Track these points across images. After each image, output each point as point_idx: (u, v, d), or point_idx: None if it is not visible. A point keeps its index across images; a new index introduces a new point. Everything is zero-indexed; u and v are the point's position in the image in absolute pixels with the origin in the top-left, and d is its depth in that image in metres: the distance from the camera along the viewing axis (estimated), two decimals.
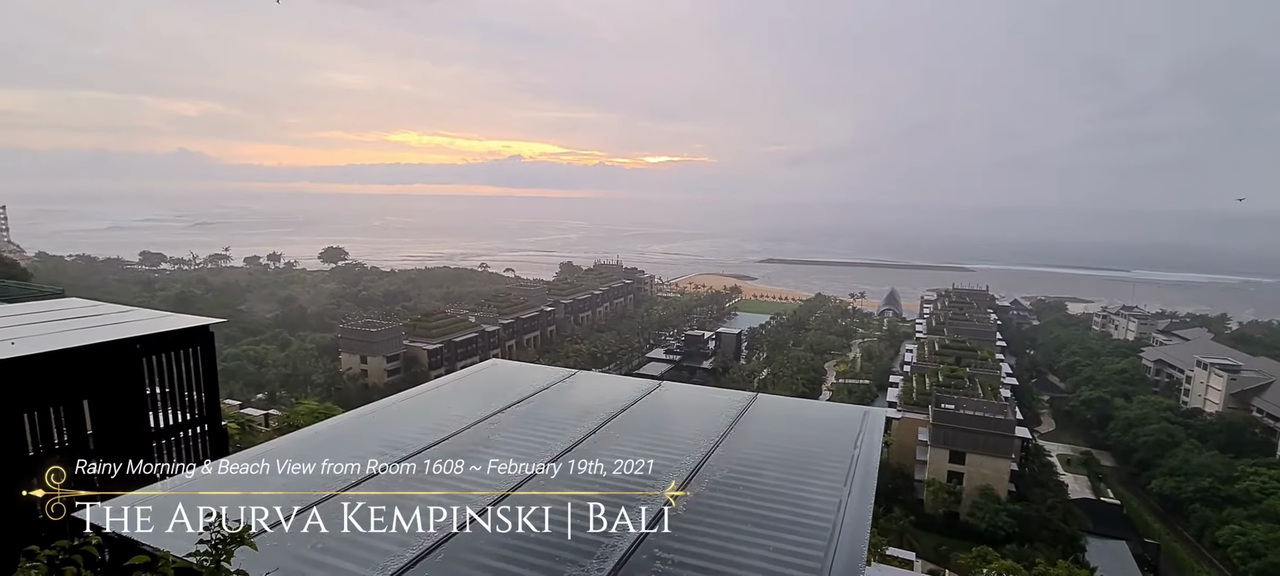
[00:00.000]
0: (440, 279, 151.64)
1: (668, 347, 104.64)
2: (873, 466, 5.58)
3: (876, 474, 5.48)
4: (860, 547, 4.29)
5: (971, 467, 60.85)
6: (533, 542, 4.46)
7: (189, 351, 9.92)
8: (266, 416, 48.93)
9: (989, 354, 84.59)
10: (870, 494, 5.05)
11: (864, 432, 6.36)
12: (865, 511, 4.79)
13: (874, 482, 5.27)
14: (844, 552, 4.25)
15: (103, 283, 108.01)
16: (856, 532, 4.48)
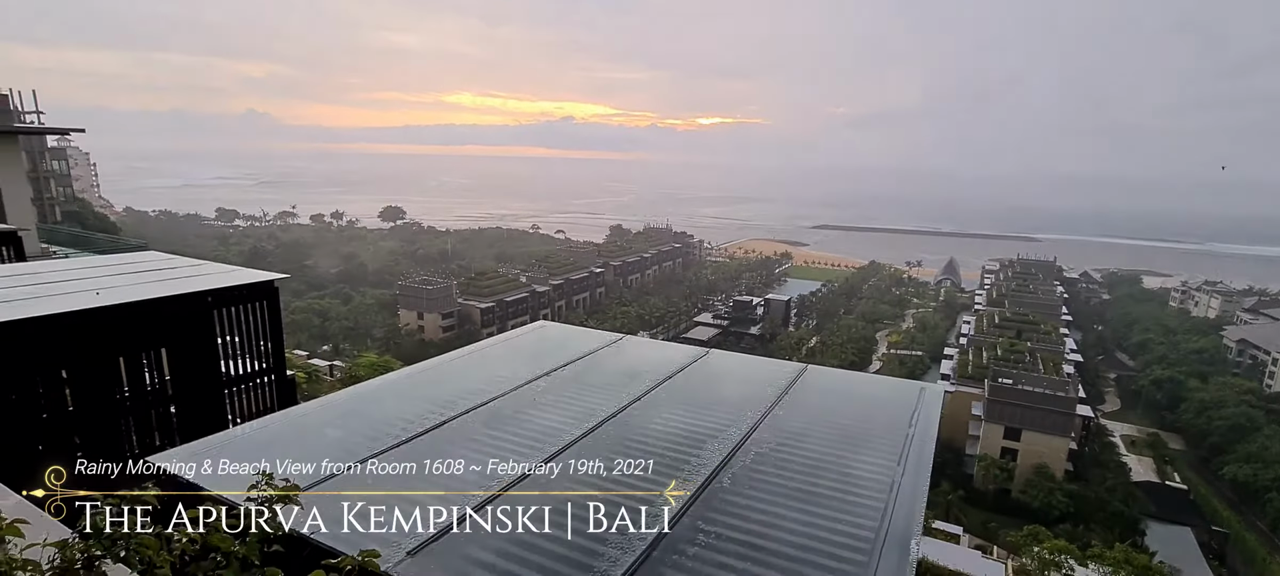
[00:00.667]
0: (492, 239, 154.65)
1: (716, 312, 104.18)
2: (929, 446, 5.35)
3: (933, 454, 5.26)
4: (913, 530, 4.13)
5: (1027, 445, 58.85)
6: (575, 507, 4.47)
7: (257, 304, 10.40)
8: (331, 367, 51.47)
9: (1052, 328, 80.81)
10: (925, 474, 4.86)
11: (920, 409, 6.11)
12: (920, 492, 4.60)
13: (930, 463, 5.06)
14: (896, 535, 4.10)
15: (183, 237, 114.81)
16: (909, 514, 4.31)
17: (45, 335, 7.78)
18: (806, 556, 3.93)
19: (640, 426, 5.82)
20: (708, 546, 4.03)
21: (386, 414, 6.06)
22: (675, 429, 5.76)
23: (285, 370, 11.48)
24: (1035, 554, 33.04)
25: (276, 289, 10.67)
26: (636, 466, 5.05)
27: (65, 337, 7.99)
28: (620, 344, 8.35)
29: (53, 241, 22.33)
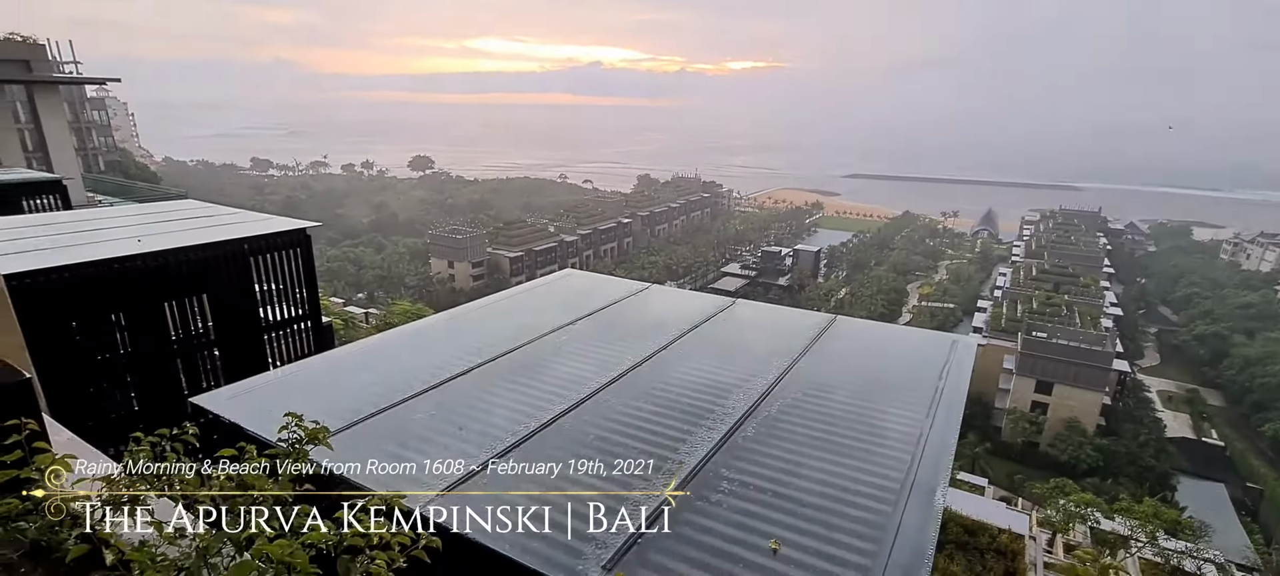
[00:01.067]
0: (520, 189, 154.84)
1: (743, 263, 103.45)
2: (959, 399, 5.25)
3: (963, 407, 5.17)
4: (939, 482, 4.09)
5: (1058, 399, 58.07)
6: (601, 453, 4.53)
7: (292, 252, 10.61)
8: (366, 314, 52.89)
9: (1092, 281, 78.41)
10: (954, 428, 4.78)
11: (952, 362, 5.99)
12: (947, 446, 4.54)
13: (959, 416, 4.97)
14: (922, 485, 4.07)
15: (221, 187, 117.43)
16: (936, 467, 4.26)
17: (96, 280, 8.07)
18: (830, 504, 3.93)
19: (666, 375, 5.83)
20: (732, 492, 4.05)
21: (418, 360, 6.18)
22: (701, 378, 5.75)
23: (321, 317, 11.78)
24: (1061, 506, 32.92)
25: (309, 237, 10.85)
26: (662, 414, 5.07)
27: (115, 283, 8.28)
28: (647, 293, 8.32)
29: (98, 191, 23.02)
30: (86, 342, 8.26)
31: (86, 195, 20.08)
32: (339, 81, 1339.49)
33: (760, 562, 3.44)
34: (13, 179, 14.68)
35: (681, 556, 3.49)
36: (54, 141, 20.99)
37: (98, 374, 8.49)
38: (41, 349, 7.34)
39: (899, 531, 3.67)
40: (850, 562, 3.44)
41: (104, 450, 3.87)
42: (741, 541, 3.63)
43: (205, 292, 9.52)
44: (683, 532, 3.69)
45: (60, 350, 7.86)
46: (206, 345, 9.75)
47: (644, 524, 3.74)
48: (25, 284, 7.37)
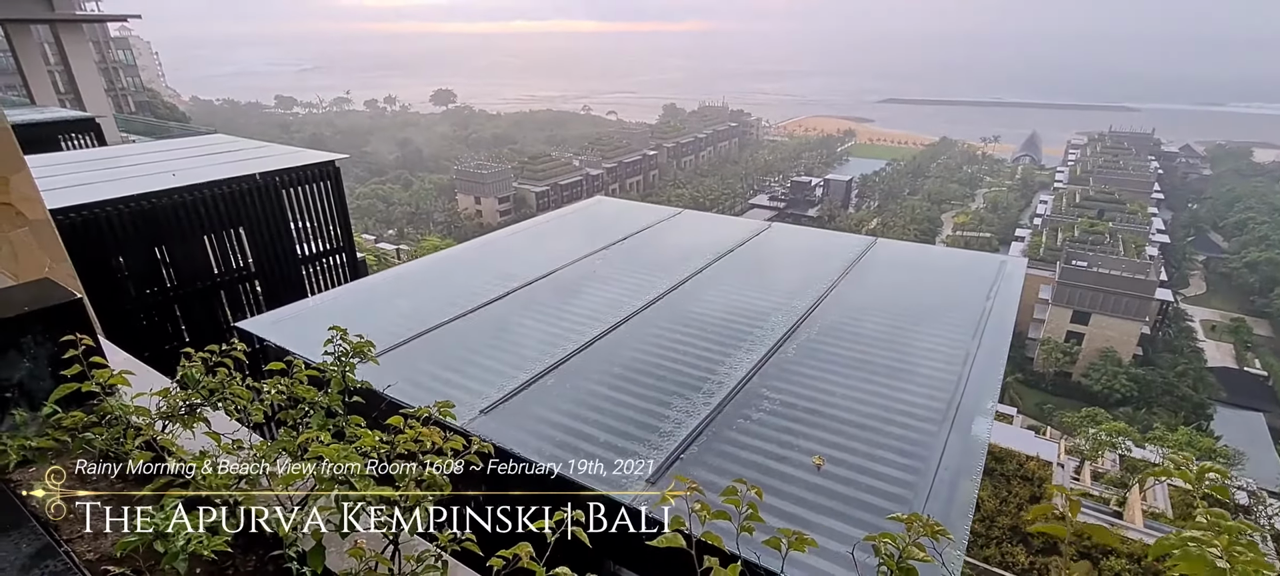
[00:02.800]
0: (544, 122, 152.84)
1: (772, 194, 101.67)
2: (1007, 320, 5.09)
3: (1011, 329, 5.00)
4: (987, 403, 4.00)
5: (1094, 329, 56.91)
6: (638, 374, 4.52)
7: (323, 184, 10.65)
8: (397, 250, 53.78)
9: (1139, 207, 75.28)
10: (1003, 349, 4.64)
11: (999, 283, 5.78)
12: (995, 367, 4.42)
13: (1008, 337, 4.82)
14: (968, 408, 3.98)
15: (248, 125, 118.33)
16: (984, 387, 4.15)
17: (138, 214, 8.22)
18: (874, 424, 3.87)
19: (702, 298, 5.76)
20: (773, 411, 4.02)
21: (453, 285, 6.20)
22: (738, 302, 5.67)
23: (355, 251, 11.92)
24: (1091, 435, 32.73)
25: (339, 169, 10.85)
26: (699, 337, 5.03)
27: (156, 216, 8.43)
28: (679, 218, 8.17)
29: (130, 131, 23.33)
30: (133, 274, 8.50)
31: (120, 136, 20.35)
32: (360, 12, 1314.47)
33: (804, 477, 3.43)
34: (49, 118, 14.90)
35: (724, 471, 3.50)
36: (84, 81, 21.15)
37: (146, 305, 8.77)
38: (91, 281, 7.57)
39: (945, 450, 3.61)
40: (896, 479, 3.41)
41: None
42: (784, 458, 3.62)
43: (242, 226, 9.65)
44: (724, 449, 3.69)
45: (109, 282, 8.12)
46: (247, 277, 9.97)
47: (685, 439, 3.74)
48: (71, 219, 7.55)
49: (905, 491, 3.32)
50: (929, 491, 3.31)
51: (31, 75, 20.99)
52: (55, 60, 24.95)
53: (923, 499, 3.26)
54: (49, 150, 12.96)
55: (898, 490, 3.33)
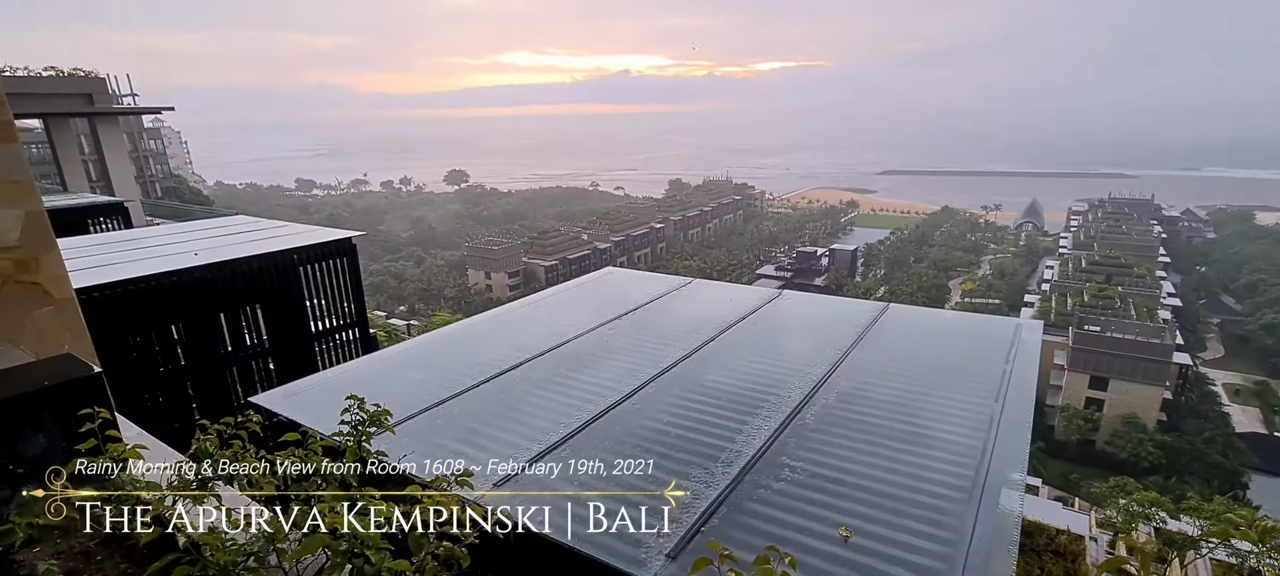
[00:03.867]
0: (553, 198, 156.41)
1: (778, 264, 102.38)
2: (1029, 385, 4.99)
3: (1033, 393, 4.90)
4: (1016, 473, 3.86)
5: (1115, 394, 55.62)
6: (655, 444, 4.43)
7: (338, 261, 10.85)
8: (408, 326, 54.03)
9: (1147, 271, 75.07)
10: (1027, 415, 4.53)
11: (1017, 346, 5.70)
12: (1022, 431, 4.30)
13: (1031, 403, 4.71)
14: (996, 477, 3.85)
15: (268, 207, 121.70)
16: (1011, 455, 4.03)
17: (159, 292, 8.37)
18: (901, 492, 3.74)
19: (716, 366, 5.71)
20: (795, 481, 3.90)
21: (466, 357, 6.19)
22: (752, 369, 5.61)
23: (368, 326, 12.01)
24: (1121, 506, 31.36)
25: (354, 246, 11.07)
26: (716, 405, 4.95)
27: (176, 294, 8.57)
28: (690, 287, 8.20)
29: (155, 214, 24.06)
30: (150, 351, 8.56)
31: (145, 218, 20.99)
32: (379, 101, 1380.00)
33: (832, 550, 3.28)
34: (80, 203, 15.43)
35: (747, 545, 3.36)
36: (115, 169, 22.03)
37: (160, 382, 8.78)
38: (109, 357, 7.62)
39: (977, 522, 3.47)
40: (929, 551, 3.26)
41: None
42: (808, 529, 3.48)
43: (258, 302, 9.78)
44: (746, 521, 3.57)
45: (127, 359, 8.17)
46: (261, 354, 10.01)
47: (706, 511, 3.62)
48: (94, 298, 7.68)
49: (940, 564, 3.17)
50: (964, 564, 3.15)
51: (67, 164, 21.90)
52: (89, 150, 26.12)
53: (959, 573, 3.10)
54: (78, 233, 13.34)
55: (932, 563, 3.18)
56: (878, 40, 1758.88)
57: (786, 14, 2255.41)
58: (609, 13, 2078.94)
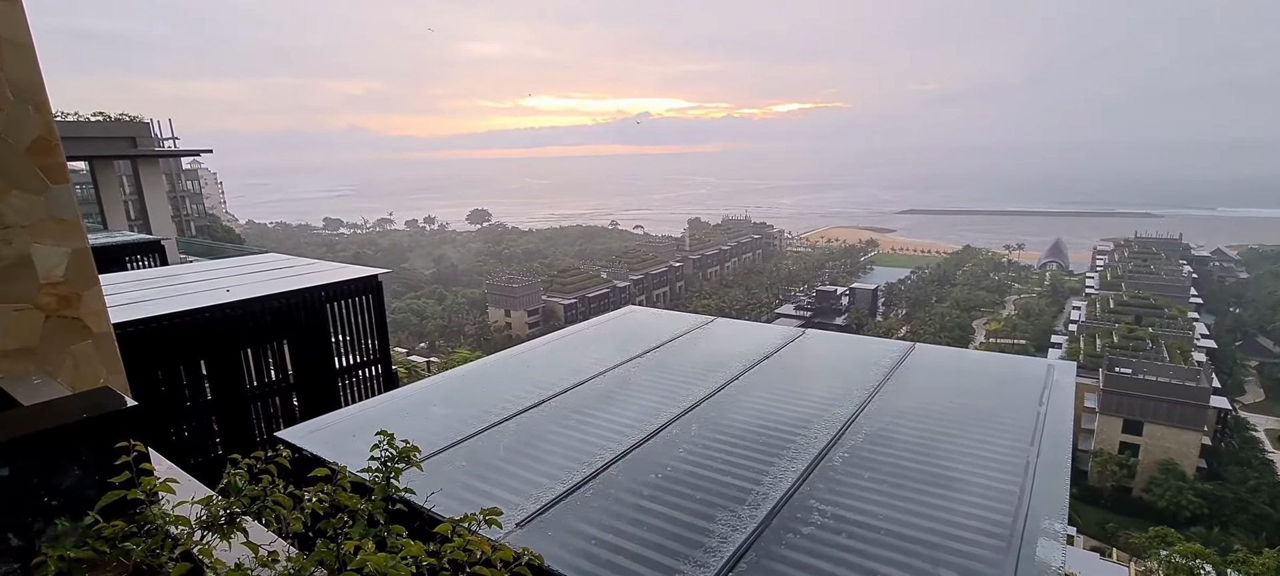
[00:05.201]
0: (573, 237, 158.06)
1: (798, 303, 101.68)
2: (1065, 429, 4.84)
3: (1070, 437, 4.75)
4: (1057, 516, 3.72)
5: (1150, 439, 53.70)
6: (679, 486, 4.36)
7: (364, 298, 11.02)
8: (428, 363, 54.40)
9: (1179, 312, 73.21)
10: (1065, 460, 4.38)
11: (1050, 388, 5.56)
12: (1060, 477, 4.16)
13: (1068, 447, 4.56)
14: (1036, 522, 3.71)
15: (297, 245, 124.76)
16: (1051, 500, 3.89)
17: (191, 327, 8.56)
18: (935, 540, 3.62)
19: (740, 406, 5.64)
20: (824, 525, 3.80)
21: (487, 394, 6.20)
22: (777, 408, 5.53)
23: (390, 363, 12.11)
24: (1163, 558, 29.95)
25: (380, 283, 11.25)
26: (739, 445, 4.87)
27: (207, 330, 8.76)
28: (712, 325, 8.17)
29: (189, 252, 24.77)
30: (178, 386, 8.71)
31: (180, 256, 21.61)
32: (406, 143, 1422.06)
33: None
34: (119, 241, 15.97)
35: None
36: (153, 208, 22.83)
37: (187, 416, 8.91)
38: (139, 391, 7.76)
39: (1017, 569, 3.34)
40: None
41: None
42: None
43: (285, 338, 9.93)
44: (774, 567, 3.47)
45: (157, 393, 8.32)
46: (286, 389, 10.12)
47: (733, 556, 3.53)
48: (128, 332, 7.87)
49: None
50: None
51: (108, 204, 22.75)
52: (130, 190, 27.13)
53: None
54: (115, 270, 13.76)
55: None
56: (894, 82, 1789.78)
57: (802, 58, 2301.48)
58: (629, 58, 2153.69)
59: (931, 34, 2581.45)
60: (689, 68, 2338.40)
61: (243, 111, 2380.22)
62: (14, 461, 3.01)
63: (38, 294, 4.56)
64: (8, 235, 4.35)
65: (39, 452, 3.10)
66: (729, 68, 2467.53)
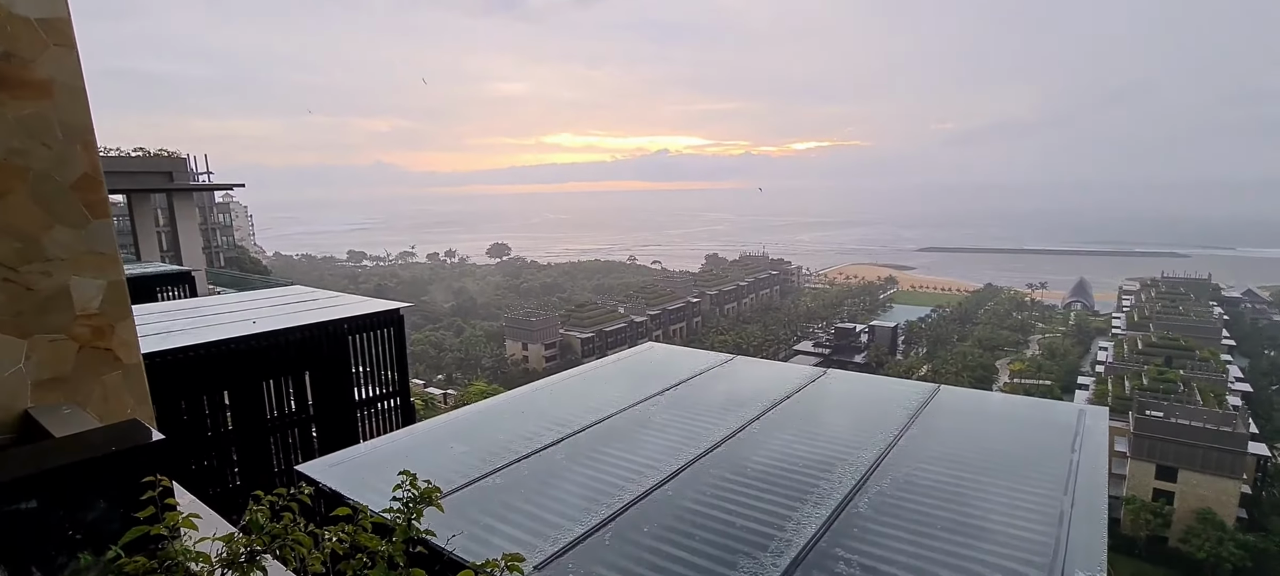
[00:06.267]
0: (592, 271, 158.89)
1: (816, 340, 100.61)
2: (1100, 475, 4.68)
3: (1105, 486, 4.58)
4: (1095, 567, 3.57)
5: (1185, 487, 51.70)
6: (699, 531, 4.28)
7: (385, 331, 11.12)
8: (444, 395, 54.52)
9: (1211, 354, 71.15)
10: (1101, 509, 4.22)
11: (1082, 435, 5.39)
12: (1097, 527, 4.00)
13: (1104, 496, 4.40)
14: (1073, 573, 3.57)
15: (321, 277, 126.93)
16: (1088, 552, 3.74)
17: (218, 358, 8.69)
18: None
19: (760, 447, 5.54)
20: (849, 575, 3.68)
21: (506, 430, 6.17)
22: (798, 450, 5.43)
23: (409, 396, 12.15)
24: None
25: (402, 316, 11.36)
26: (761, 488, 4.78)
27: (233, 360, 8.89)
28: (732, 363, 8.10)
29: (218, 283, 25.32)
30: (202, 415, 8.81)
31: (208, 287, 22.10)
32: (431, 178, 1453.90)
33: None
34: (151, 272, 16.39)
35: None
36: (185, 240, 23.49)
37: (208, 446, 8.98)
38: (166, 421, 7.86)
39: None
40: None
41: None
42: None
43: (308, 370, 10.03)
44: None
45: (180, 422, 8.42)
46: (305, 421, 10.19)
47: None
48: (155, 363, 8.01)
49: None
50: None
51: (143, 235, 23.47)
52: (164, 222, 27.97)
53: None
54: (147, 300, 14.08)
55: None
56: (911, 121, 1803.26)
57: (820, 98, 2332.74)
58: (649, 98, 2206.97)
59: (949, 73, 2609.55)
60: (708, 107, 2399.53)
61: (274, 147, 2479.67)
62: (42, 493, 3.04)
63: (72, 325, 4.67)
64: (48, 268, 4.48)
65: (67, 485, 3.13)
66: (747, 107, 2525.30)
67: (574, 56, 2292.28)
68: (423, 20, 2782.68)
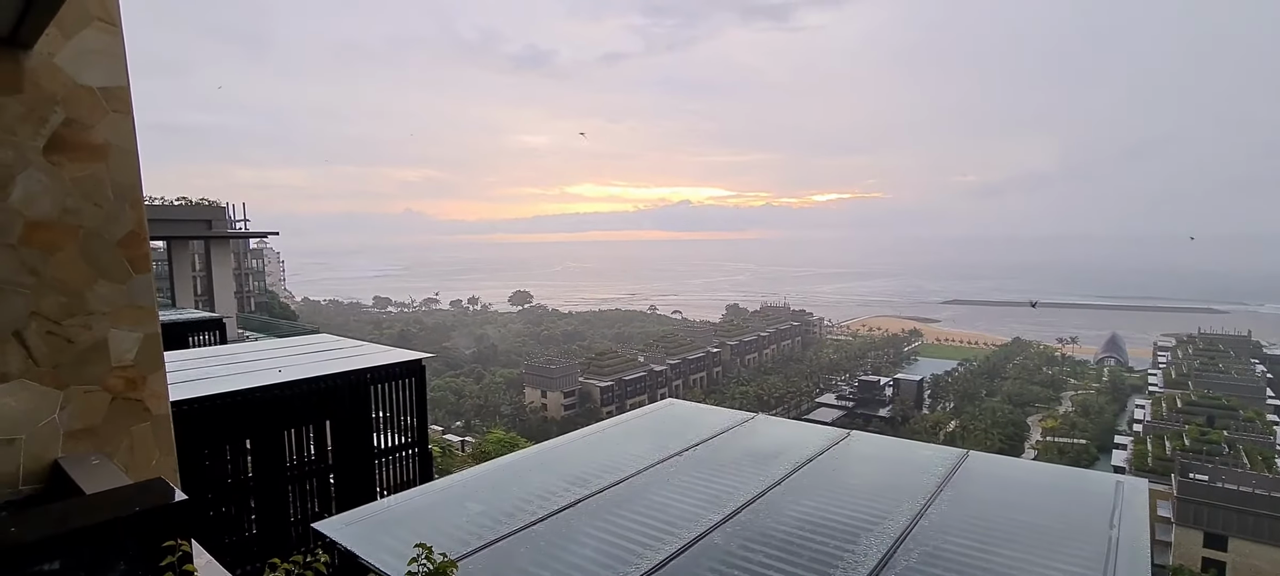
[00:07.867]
0: (612, 320, 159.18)
1: (839, 393, 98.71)
2: (1143, 554, 4.44)
3: (1149, 564, 4.36)
4: None
5: (1237, 556, 48.86)
6: None
7: (407, 381, 11.21)
8: (463, 443, 54.29)
9: (1256, 414, 68.19)
10: None
11: (1121, 508, 5.16)
12: None
13: (1148, 571, 4.18)
14: None
15: (346, 323, 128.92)
16: None
17: (236, 408, 8.81)
18: None
19: (782, 513, 5.40)
20: None
21: (524, 489, 6.11)
22: (822, 517, 5.27)
23: (428, 445, 12.14)
24: None
25: (423, 367, 11.46)
26: (785, 558, 4.63)
27: (258, 409, 9.01)
28: (753, 422, 7.97)
29: (247, 327, 25.90)
30: (224, 463, 8.88)
31: (238, 331, 22.59)
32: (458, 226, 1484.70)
33: None
34: (184, 318, 16.84)
35: None
36: (219, 285, 24.20)
37: (227, 494, 9.02)
38: (187, 469, 7.94)
39: None
40: None
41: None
42: None
43: (329, 419, 10.11)
44: None
45: (203, 469, 8.49)
46: (324, 470, 10.21)
47: None
48: (183, 410, 8.15)
49: None
50: None
51: (179, 281, 24.24)
52: (200, 268, 28.91)
53: None
54: (179, 347, 14.42)
55: None
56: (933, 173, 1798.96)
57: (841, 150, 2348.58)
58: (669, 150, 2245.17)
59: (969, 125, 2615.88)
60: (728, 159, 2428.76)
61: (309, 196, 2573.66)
62: (65, 554, 3.07)
63: (107, 376, 4.79)
64: (89, 321, 4.62)
65: (89, 546, 3.15)
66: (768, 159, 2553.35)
67: (597, 112, 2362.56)
68: (454, 75, 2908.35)
